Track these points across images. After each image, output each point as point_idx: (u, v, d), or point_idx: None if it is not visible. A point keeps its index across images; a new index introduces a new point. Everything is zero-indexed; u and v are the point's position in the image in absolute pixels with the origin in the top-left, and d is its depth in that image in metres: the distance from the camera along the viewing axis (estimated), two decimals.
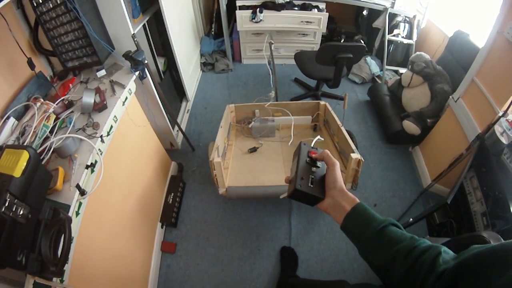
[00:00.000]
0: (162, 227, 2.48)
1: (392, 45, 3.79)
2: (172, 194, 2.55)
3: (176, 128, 2.97)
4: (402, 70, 3.67)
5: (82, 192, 1.36)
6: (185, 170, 2.96)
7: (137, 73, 1.97)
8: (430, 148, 2.84)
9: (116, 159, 1.80)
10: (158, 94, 2.37)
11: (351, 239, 0.82)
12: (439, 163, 2.44)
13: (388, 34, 3.64)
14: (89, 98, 1.66)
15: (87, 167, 1.41)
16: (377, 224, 0.77)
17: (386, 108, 3.26)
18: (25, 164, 1.10)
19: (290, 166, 1.03)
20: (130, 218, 1.97)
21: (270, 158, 2.38)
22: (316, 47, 4.03)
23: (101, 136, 1.54)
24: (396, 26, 3.70)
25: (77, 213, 1.35)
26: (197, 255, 2.39)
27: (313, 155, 0.91)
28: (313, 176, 0.88)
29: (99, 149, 1.51)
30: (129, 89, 1.89)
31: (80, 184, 1.34)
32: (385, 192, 2.67)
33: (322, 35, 4.06)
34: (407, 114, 3.02)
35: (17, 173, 1.06)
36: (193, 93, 3.90)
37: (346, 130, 2.20)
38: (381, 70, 3.92)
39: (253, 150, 2.45)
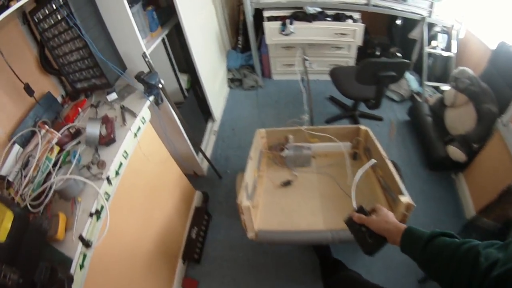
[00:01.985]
0: (184, 263, 2.29)
1: (431, 58, 3.41)
2: (196, 228, 2.35)
3: (201, 154, 2.74)
4: (444, 87, 3.32)
5: (87, 244, 1.20)
6: (211, 200, 2.74)
7: (151, 98, 1.78)
8: (475, 176, 2.53)
9: (128, 198, 1.63)
10: (179, 120, 2.19)
11: (413, 259, 0.94)
12: (485, 194, 2.16)
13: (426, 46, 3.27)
14: (94, 129, 1.48)
15: (91, 215, 1.24)
16: (422, 242, 0.89)
17: (428, 130, 2.94)
18: (9, 226, 0.99)
19: (328, 204, 1.61)
20: (146, 260, 1.81)
21: (305, 195, 2.12)
22: (351, 61, 3.77)
23: (107, 178, 1.36)
24: (434, 37, 3.35)
25: (81, 266, 1.19)
26: None
27: (356, 219, 1.17)
28: (368, 234, 1.12)
29: (105, 193, 1.34)
30: (142, 117, 1.70)
31: (84, 234, 1.20)
32: (427, 224, 2.38)
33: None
34: (451, 138, 2.70)
35: (1, 237, 0.94)
36: (220, 112, 3.69)
37: (391, 161, 1.94)
38: (420, 85, 3.55)
39: (287, 183, 2.20)
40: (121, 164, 1.49)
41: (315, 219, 1.91)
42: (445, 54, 3.30)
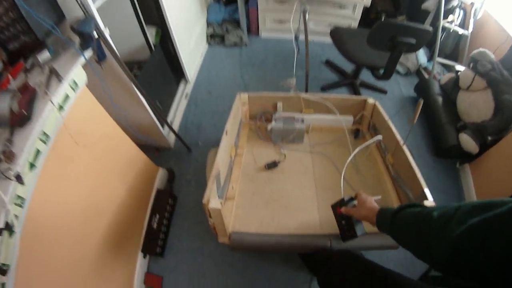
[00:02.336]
0: (144, 257, 1.91)
1: (444, 33, 3.14)
2: (158, 215, 1.92)
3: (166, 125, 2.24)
4: (458, 67, 3.06)
5: (2, 271, 0.88)
6: (178, 179, 2.29)
7: (87, 53, 1.28)
8: (483, 170, 2.30)
9: (59, 193, 1.20)
10: (132, 82, 1.65)
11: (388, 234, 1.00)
12: (491, 190, 2.09)
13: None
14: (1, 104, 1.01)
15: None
16: (390, 217, 0.97)
17: (438, 113, 2.66)
18: None
19: (325, 195, 1.56)
20: (95, 260, 1.43)
21: (296, 182, 1.67)
22: (354, 24, 3.39)
23: (17, 176, 0.93)
24: (452, 11, 3.07)
25: None
26: None
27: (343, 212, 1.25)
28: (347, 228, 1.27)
29: (17, 197, 0.94)
30: (73, 81, 1.21)
31: None
32: None
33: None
34: (463, 125, 2.47)
35: None
36: (194, 72, 3.18)
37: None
38: (429, 61, 3.28)
39: (272, 165, 1.74)
40: (38, 152, 1.04)
41: (309, 218, 1.49)
42: (461, 31, 3.09)
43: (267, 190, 1.60)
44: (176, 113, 2.67)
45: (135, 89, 1.71)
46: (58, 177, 1.17)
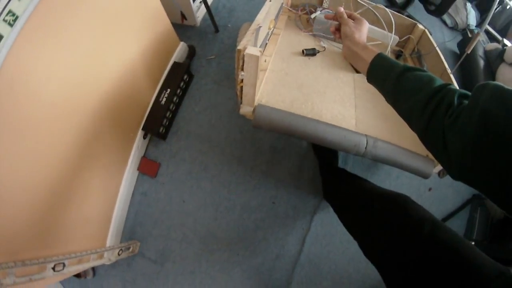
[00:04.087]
0: (144, 138, 1.75)
1: (500, 7, 3.12)
2: (169, 90, 1.73)
3: None
4: (507, 41, 2.98)
5: None
6: (198, 58, 2.09)
7: None
8: None
9: (61, 28, 0.96)
10: None
11: (379, 91, 0.88)
12: None
13: None
14: None
15: None
16: (395, 72, 0.79)
17: (477, 73, 2.59)
18: None
19: (364, 97, 1.36)
20: (93, 123, 1.26)
21: (335, 75, 1.47)
22: None
23: None
24: None
25: None
26: (185, 187, 1.73)
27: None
28: None
29: (9, 12, 0.76)
30: None
31: None
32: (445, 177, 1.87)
33: None
34: None
35: None
36: None
37: None
38: (477, 26, 3.13)
39: (311, 53, 1.52)
40: None
41: (345, 112, 1.30)
42: None
43: (302, 74, 1.40)
44: None
45: None
46: (62, 9, 0.95)
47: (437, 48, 1.53)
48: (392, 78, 0.80)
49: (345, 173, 1.55)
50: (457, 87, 0.89)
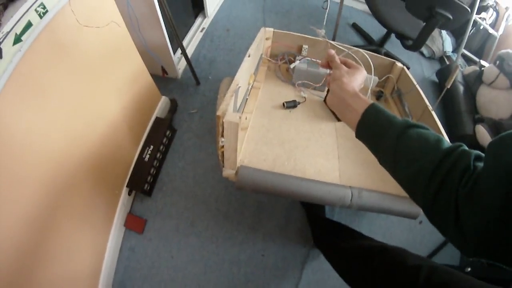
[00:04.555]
0: (129, 194, 1.73)
1: (473, 29, 3.24)
2: (152, 146, 1.74)
3: (179, 50, 2.09)
4: (484, 62, 3.09)
5: None
6: (180, 112, 2.12)
7: None
8: None
9: (41, 85, 0.97)
10: None
11: (370, 150, 0.75)
12: None
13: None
14: None
15: None
16: (396, 129, 0.66)
17: (457, 100, 2.66)
18: None
19: (346, 145, 1.37)
20: (77, 183, 1.26)
21: (316, 127, 1.49)
22: None
23: None
24: (486, 9, 3.11)
25: None
26: (173, 243, 1.71)
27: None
28: None
29: None
30: None
31: None
32: None
33: None
34: (481, 117, 2.54)
35: None
36: (215, 8, 2.95)
37: None
38: (454, 51, 3.31)
39: (292, 105, 1.56)
40: (29, 24, 0.85)
41: (328, 166, 1.32)
42: (491, 31, 3.12)
43: (284, 129, 1.42)
44: (189, 46, 2.50)
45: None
46: (49, 64, 0.96)
47: (417, 86, 1.57)
48: (391, 137, 0.67)
49: (335, 225, 1.54)
50: (444, 134, 0.89)
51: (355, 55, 1.63)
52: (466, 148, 0.60)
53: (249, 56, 1.32)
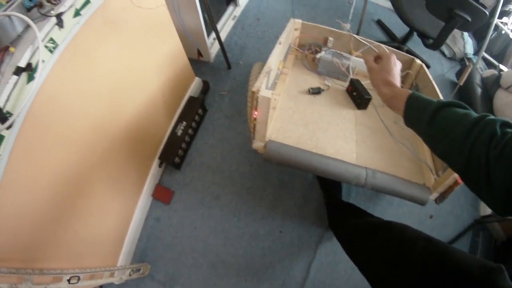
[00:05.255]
0: (160, 166, 1.87)
1: (495, 32, 3.18)
2: (185, 123, 1.89)
3: (213, 35, 2.22)
4: (503, 67, 3.11)
5: (3, 118, 0.77)
6: (211, 94, 2.27)
7: None
8: None
9: (93, 58, 1.11)
10: None
11: (417, 133, 0.82)
12: None
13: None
14: None
15: (17, 71, 0.79)
16: (428, 112, 0.75)
17: (474, 101, 2.68)
18: None
19: (364, 133, 1.51)
20: (114, 148, 1.38)
21: (337, 113, 1.63)
22: None
23: (58, 16, 0.88)
24: (508, 13, 3.07)
25: None
26: (197, 215, 1.83)
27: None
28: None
29: (50, 39, 0.87)
30: None
31: (1, 102, 0.77)
32: (445, 204, 1.96)
33: None
34: None
35: None
36: None
37: None
38: (475, 54, 3.25)
39: (316, 91, 1.68)
40: (87, 1, 0.98)
41: (347, 147, 1.45)
42: None
43: (308, 112, 1.56)
44: (221, 32, 2.62)
45: None
46: (100, 38, 1.10)
47: (433, 82, 1.65)
48: (424, 120, 0.76)
49: (349, 206, 1.63)
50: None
51: (377, 50, 1.74)
52: (492, 116, 0.65)
53: (280, 43, 1.46)
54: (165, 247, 1.75)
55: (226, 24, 2.70)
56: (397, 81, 1.01)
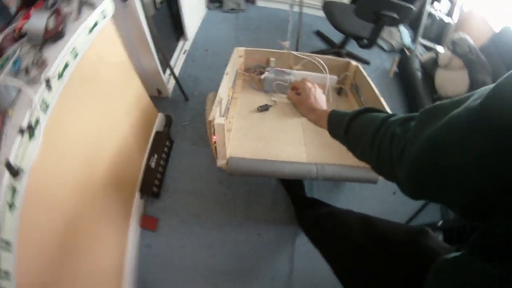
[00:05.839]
0: (141, 198, 2.07)
1: (429, 19, 3.54)
2: (156, 155, 2.11)
3: (168, 71, 2.52)
4: (439, 48, 3.43)
5: (15, 173, 0.88)
6: (174, 125, 2.52)
7: None
8: None
9: (75, 112, 1.30)
10: (147, 24, 1.93)
11: (342, 143, 0.92)
12: None
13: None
14: (38, 21, 1.12)
15: (21, 131, 0.92)
16: (343, 124, 0.85)
17: (416, 85, 3.01)
18: None
19: (311, 135, 1.72)
20: (97, 193, 1.52)
21: (285, 123, 1.90)
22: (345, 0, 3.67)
23: (47, 81, 1.04)
24: None
25: (11, 206, 0.88)
26: (181, 234, 2.03)
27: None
28: None
29: (43, 101, 1.02)
30: (102, 11, 1.38)
31: (11, 159, 0.87)
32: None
33: None
34: (439, 96, 2.90)
35: None
36: (193, 31, 3.37)
37: None
38: (413, 42, 3.63)
39: (264, 108, 1.95)
40: (67, 65, 1.17)
41: (296, 150, 1.71)
42: (447, 19, 3.47)
43: (260, 127, 1.81)
44: (175, 67, 2.85)
45: (147, 31, 1.96)
46: (78, 94, 1.30)
47: (368, 78, 1.91)
48: (342, 130, 0.86)
49: (311, 200, 1.88)
50: (389, 111, 1.08)
51: (315, 61, 2.02)
52: (394, 117, 0.70)
53: (226, 74, 1.73)
54: (161, 270, 1.90)
55: (178, 59, 2.96)
56: (321, 101, 1.21)
